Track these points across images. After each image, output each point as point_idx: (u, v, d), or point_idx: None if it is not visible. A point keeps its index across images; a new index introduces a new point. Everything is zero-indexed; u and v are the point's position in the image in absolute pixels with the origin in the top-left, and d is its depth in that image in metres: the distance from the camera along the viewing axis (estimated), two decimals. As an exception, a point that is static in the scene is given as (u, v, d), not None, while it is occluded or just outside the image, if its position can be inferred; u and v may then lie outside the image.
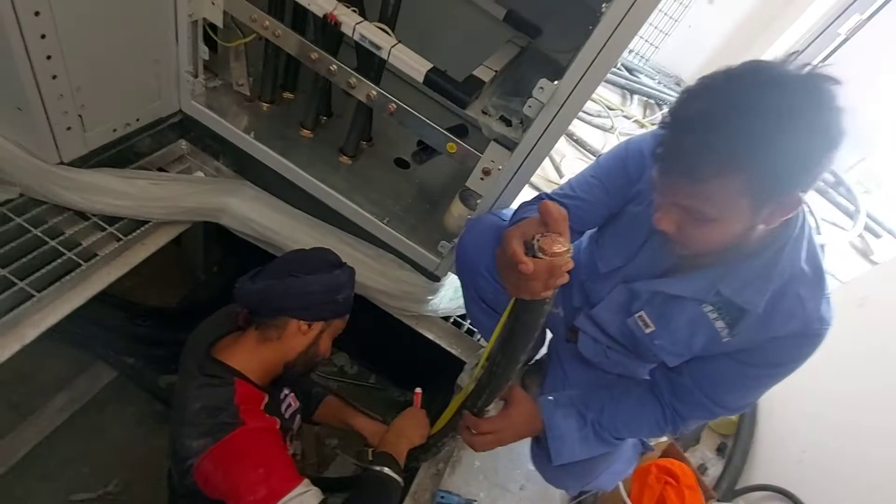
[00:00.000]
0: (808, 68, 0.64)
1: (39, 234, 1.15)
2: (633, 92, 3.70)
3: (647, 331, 0.91)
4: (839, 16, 3.47)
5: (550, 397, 0.99)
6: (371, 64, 1.19)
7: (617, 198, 0.95)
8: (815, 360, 1.66)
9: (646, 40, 4.36)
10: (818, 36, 3.60)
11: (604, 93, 3.50)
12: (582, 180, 0.97)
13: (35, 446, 1.88)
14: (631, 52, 4.49)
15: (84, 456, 1.95)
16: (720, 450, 1.64)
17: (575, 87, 0.86)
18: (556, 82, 0.87)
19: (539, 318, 0.67)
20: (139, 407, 2.06)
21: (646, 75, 4.14)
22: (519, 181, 1.06)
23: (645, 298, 0.92)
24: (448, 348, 1.51)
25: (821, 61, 3.83)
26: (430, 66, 1.01)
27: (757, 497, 1.46)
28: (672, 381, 0.94)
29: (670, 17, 4.15)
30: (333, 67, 1.10)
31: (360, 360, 2.51)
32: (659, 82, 4.16)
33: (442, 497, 1.17)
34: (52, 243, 1.16)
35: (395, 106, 1.10)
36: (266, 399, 0.96)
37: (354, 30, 1.00)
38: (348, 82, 1.11)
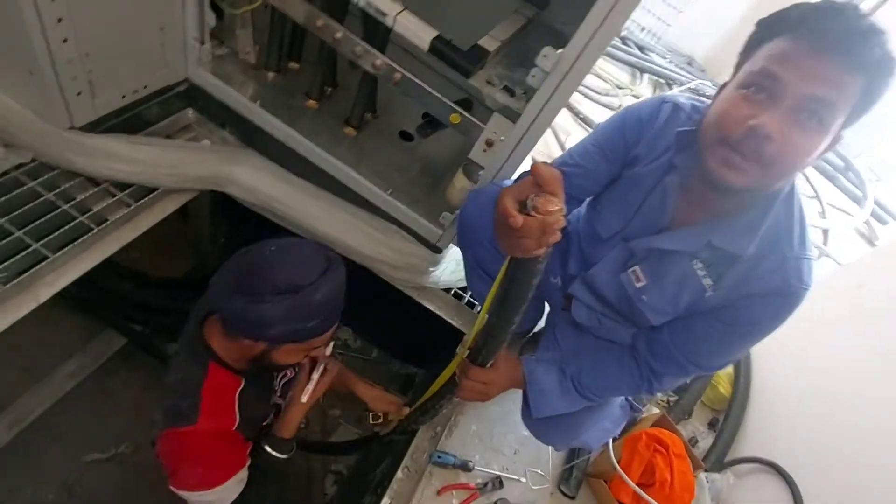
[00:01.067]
0: None
1: (52, 198, 1.18)
2: (643, 70, 3.65)
3: (638, 285, 0.94)
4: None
5: (534, 357, 1.03)
6: (377, 33, 1.19)
7: (616, 164, 0.97)
8: (809, 338, 1.69)
9: (659, 18, 4.28)
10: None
11: (613, 71, 3.46)
12: (581, 149, 0.99)
13: (48, 408, 1.95)
14: (644, 29, 4.41)
15: (95, 418, 2.02)
16: (712, 425, 1.68)
17: (579, 56, 0.87)
18: (559, 51, 0.88)
19: (532, 276, 0.69)
20: (147, 373, 2.13)
21: (657, 54, 4.07)
22: (521, 152, 1.07)
23: (641, 256, 0.95)
24: (448, 319, 1.55)
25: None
26: (435, 33, 1.01)
27: (745, 469, 1.50)
28: (650, 339, 0.98)
29: (683, -5, 4.06)
30: (339, 35, 1.11)
31: (363, 335, 2.56)
32: (670, 61, 4.09)
33: (439, 456, 1.22)
34: (65, 207, 1.19)
35: (399, 75, 1.11)
36: (242, 384, 0.97)
37: (360, -4, 1.01)
38: (353, 51, 1.12)
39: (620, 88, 3.24)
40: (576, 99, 2.84)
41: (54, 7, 0.93)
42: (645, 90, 3.48)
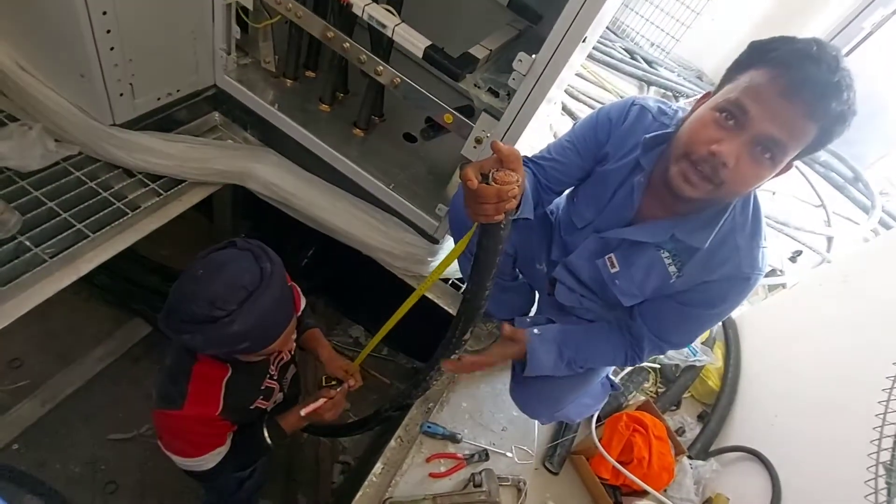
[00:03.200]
0: None
1: (94, 186, 1.35)
2: (650, 84, 3.74)
3: (612, 271, 1.04)
4: (864, 10, 3.43)
5: (536, 331, 1.13)
6: (381, 43, 1.34)
7: (588, 160, 1.07)
8: (796, 332, 1.75)
9: (667, 33, 4.38)
10: (843, 29, 3.57)
11: (620, 83, 3.57)
12: (558, 145, 1.10)
13: (76, 390, 2.11)
14: (653, 45, 4.52)
15: (120, 402, 2.17)
16: (701, 417, 1.74)
17: (550, 60, 0.98)
18: (533, 56, 1.00)
19: (497, 242, 0.79)
20: (170, 361, 2.28)
21: (666, 68, 4.16)
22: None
23: (613, 245, 1.05)
24: (446, 308, 1.65)
25: (845, 55, 3.79)
26: (428, 42, 1.15)
27: (730, 457, 1.56)
28: (630, 324, 1.09)
29: (692, 10, 4.16)
30: (346, 45, 1.25)
31: (374, 332, 2.68)
32: (679, 75, 4.17)
33: (429, 427, 1.32)
34: (104, 194, 1.35)
35: (398, 80, 1.24)
36: (229, 372, 0.98)
37: (364, 10, 1.15)
38: (359, 58, 1.26)
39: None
40: (580, 109, 2.95)
41: (104, 19, 1.10)
42: (651, 102, 3.56)
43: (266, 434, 1.09)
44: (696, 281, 0.97)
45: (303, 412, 1.11)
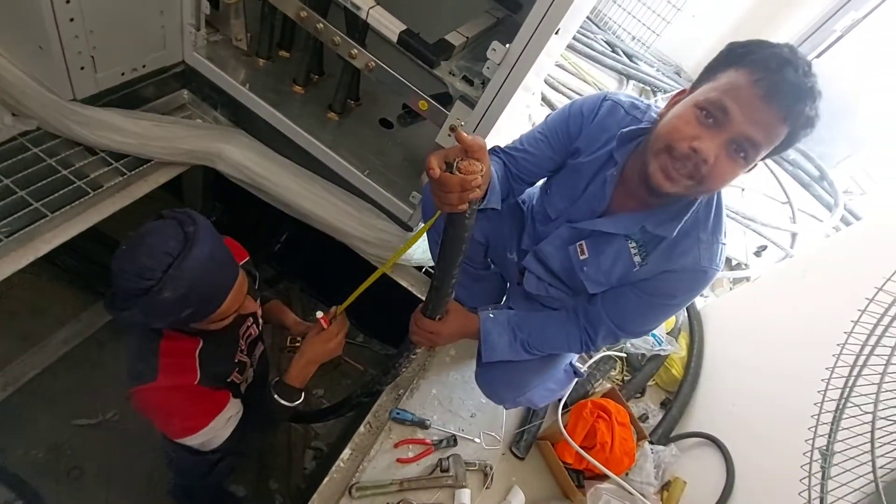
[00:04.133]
0: None
1: (53, 163, 1.30)
2: (629, 77, 3.77)
3: (582, 258, 1.06)
4: (836, 13, 3.52)
5: (491, 314, 1.14)
6: (356, 26, 1.31)
7: (560, 152, 1.08)
8: (756, 322, 1.81)
9: (648, 28, 4.41)
10: (814, 33, 3.66)
11: (600, 76, 3.59)
12: (531, 136, 1.11)
13: (39, 373, 2.05)
14: (634, 38, 4.55)
15: (85, 386, 2.12)
16: (664, 404, 1.79)
17: (523, 51, 0.98)
18: (507, 45, 1.00)
19: (462, 230, 0.80)
20: (136, 346, 2.23)
21: (645, 62, 4.20)
22: (479, 135, 1.19)
23: (584, 235, 1.07)
24: (419, 295, 1.66)
25: (815, 57, 3.89)
26: (403, 27, 1.13)
27: (689, 443, 1.62)
28: (588, 309, 1.11)
29: (673, 6, 4.19)
30: (320, 26, 1.23)
31: (349, 320, 2.68)
32: (658, 70, 4.22)
33: (398, 413, 1.33)
34: (64, 172, 1.30)
35: (373, 63, 1.22)
36: (201, 344, 0.98)
37: (338, -10, 1.12)
38: (333, 40, 1.23)
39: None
40: (560, 100, 2.96)
41: (64, -12, 1.05)
42: (630, 96, 3.60)
43: (276, 396, 1.05)
44: (657, 270, 1.00)
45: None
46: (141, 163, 1.41)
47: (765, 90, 0.77)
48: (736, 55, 0.82)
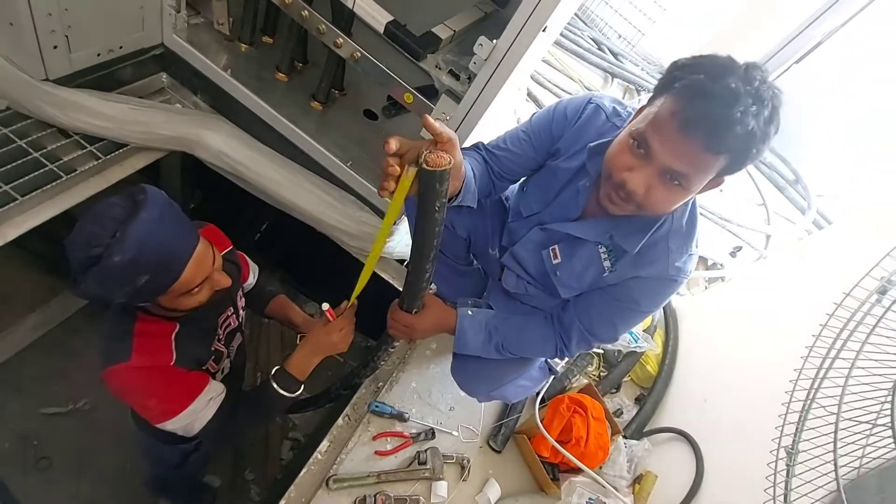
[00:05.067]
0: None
1: (24, 145, 1.25)
2: (614, 76, 3.80)
3: (555, 262, 1.07)
4: (816, 19, 3.60)
5: (470, 312, 1.15)
6: (342, 14, 1.29)
7: (541, 153, 1.09)
8: (729, 321, 1.86)
9: (634, 26, 4.45)
10: (794, 38, 3.74)
11: (585, 73, 3.61)
12: (514, 135, 1.11)
13: (7, 360, 1.99)
14: (620, 37, 4.58)
15: (55, 374, 2.07)
16: (638, 400, 1.84)
17: (510, 47, 0.98)
18: (494, 41, 0.99)
19: (432, 225, 0.80)
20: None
21: (630, 61, 4.23)
22: (465, 130, 1.19)
23: (557, 238, 1.08)
24: (401, 289, 1.65)
25: (796, 62, 3.99)
26: (390, 18, 1.12)
27: (661, 438, 1.66)
28: (561, 316, 1.13)
29: (659, 6, 4.23)
30: (305, 13, 1.20)
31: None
32: (643, 69, 4.26)
33: (377, 406, 1.33)
34: (35, 155, 1.25)
35: (359, 54, 1.21)
36: (177, 327, 0.96)
37: (324, -22, 1.10)
38: (318, 28, 1.21)
39: (589, 91, 3.38)
40: (545, 96, 2.97)
41: (36, -37, 1.00)
42: (615, 94, 3.64)
43: (276, 385, 1.02)
44: (627, 276, 1.01)
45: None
46: (116, 147, 1.37)
47: (680, 123, 0.76)
48: (669, 79, 0.81)
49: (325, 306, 1.08)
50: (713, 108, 0.73)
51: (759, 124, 0.74)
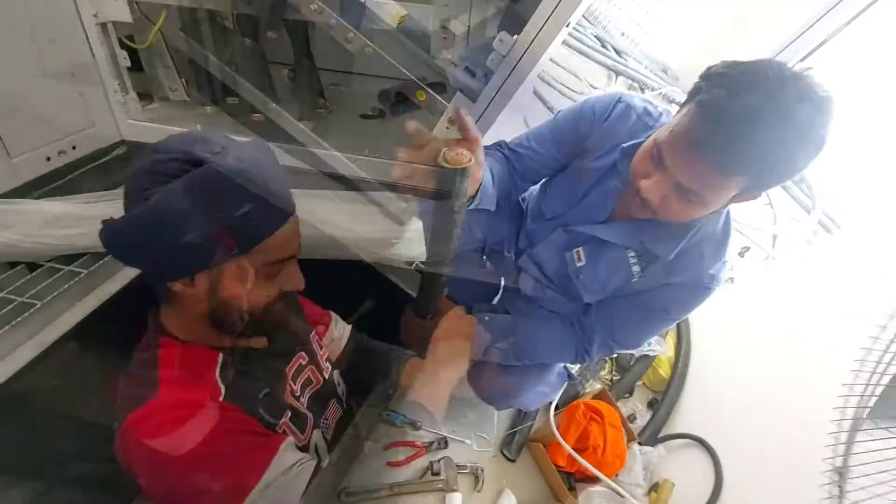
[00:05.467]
0: (821, 86, 0.69)
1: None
2: (618, 73, 3.76)
3: (578, 265, 1.04)
4: (820, 18, 3.57)
5: (487, 317, 1.13)
6: (352, 9, 1.24)
7: (567, 153, 1.05)
8: (742, 323, 1.83)
9: (638, 24, 4.40)
10: (798, 37, 3.71)
11: (589, 71, 3.57)
12: (538, 133, 1.07)
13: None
14: (623, 34, 4.53)
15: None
16: (651, 404, 1.80)
17: (531, 43, 0.94)
18: (514, 36, 0.95)
19: (451, 226, 0.77)
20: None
21: (634, 59, 4.19)
22: (480, 130, 1.14)
23: (581, 240, 1.04)
24: (410, 292, 1.61)
25: (800, 60, 3.95)
26: (405, 12, 1.07)
27: (677, 444, 1.63)
28: (582, 321, 1.10)
29: (661, 3, 4.19)
30: (314, 6, 1.15)
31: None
32: (646, 67, 4.22)
33: (389, 414, 1.29)
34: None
35: (371, 50, 1.16)
36: (220, 357, 0.76)
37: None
38: (328, 24, 1.16)
39: (595, 89, 3.34)
40: (552, 96, 2.92)
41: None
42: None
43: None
44: (656, 283, 0.98)
45: None
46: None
47: (691, 141, 0.73)
48: (696, 88, 0.77)
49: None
50: (725, 129, 0.69)
51: (782, 144, 0.69)
